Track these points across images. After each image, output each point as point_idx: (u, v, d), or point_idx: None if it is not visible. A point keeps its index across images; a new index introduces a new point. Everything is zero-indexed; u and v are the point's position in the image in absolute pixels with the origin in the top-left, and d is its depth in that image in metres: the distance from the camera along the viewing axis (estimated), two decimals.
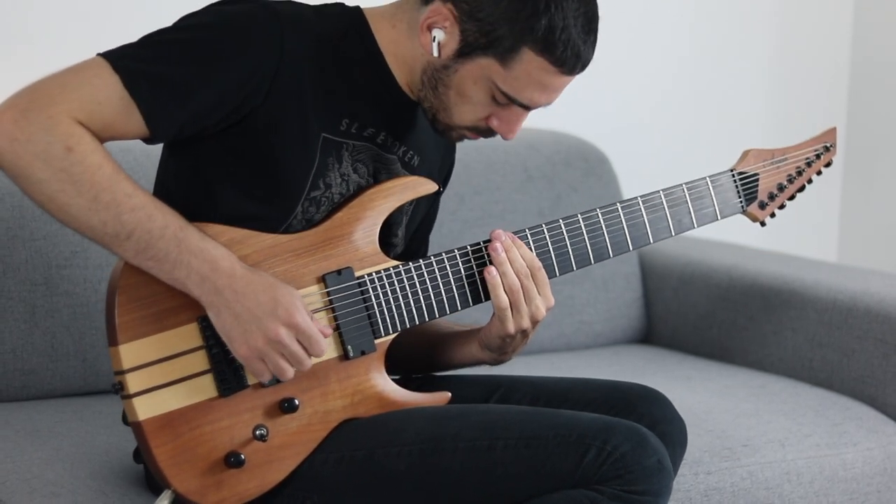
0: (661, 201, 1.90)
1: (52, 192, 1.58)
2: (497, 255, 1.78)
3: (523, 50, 1.68)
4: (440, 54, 1.72)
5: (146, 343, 1.65)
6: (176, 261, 1.62)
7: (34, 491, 1.82)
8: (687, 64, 3.31)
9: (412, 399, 1.81)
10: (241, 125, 1.69)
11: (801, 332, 2.53)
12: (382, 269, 1.77)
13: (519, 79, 1.70)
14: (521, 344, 1.84)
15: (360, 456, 1.72)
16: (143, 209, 1.61)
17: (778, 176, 2.01)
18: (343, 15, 1.77)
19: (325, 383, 1.74)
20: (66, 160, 1.57)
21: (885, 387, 2.39)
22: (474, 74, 1.71)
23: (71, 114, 1.59)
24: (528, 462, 1.67)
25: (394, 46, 1.76)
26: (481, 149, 2.69)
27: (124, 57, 1.63)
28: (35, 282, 2.20)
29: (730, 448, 2.17)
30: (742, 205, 1.97)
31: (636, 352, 2.73)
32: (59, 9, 2.57)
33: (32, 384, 2.20)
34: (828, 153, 2.05)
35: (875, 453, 2.28)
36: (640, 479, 1.65)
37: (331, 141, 1.74)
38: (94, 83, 1.61)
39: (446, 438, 1.70)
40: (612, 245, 1.87)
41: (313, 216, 1.75)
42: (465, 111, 1.74)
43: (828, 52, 3.49)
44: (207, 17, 1.69)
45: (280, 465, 1.71)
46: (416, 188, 1.81)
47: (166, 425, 1.65)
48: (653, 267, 2.83)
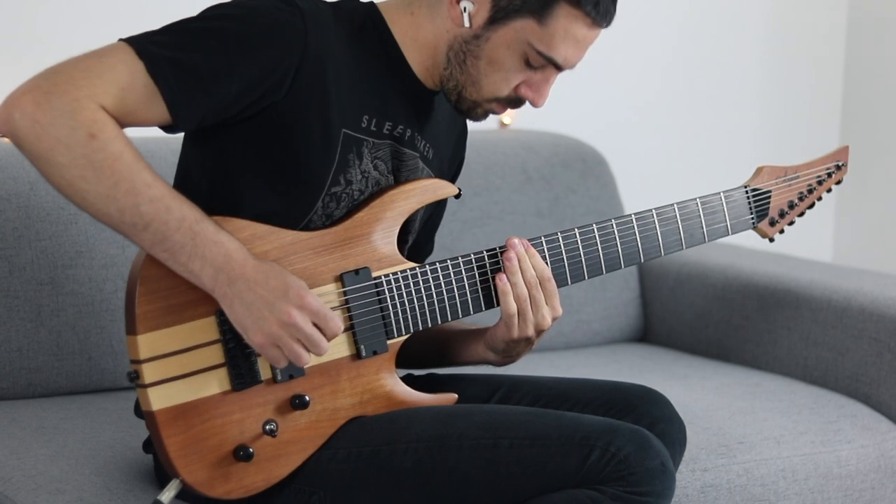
0: (675, 215, 1.91)
1: (72, 178, 1.57)
2: (510, 265, 1.79)
3: (559, 4, 1.70)
4: (472, 24, 1.73)
5: (164, 334, 1.65)
6: (191, 253, 1.61)
7: (39, 487, 1.82)
8: (684, 66, 3.31)
9: (420, 399, 1.81)
10: (261, 118, 1.69)
11: (797, 331, 2.54)
12: (399, 271, 1.77)
13: (555, 35, 1.72)
14: (525, 349, 1.85)
15: (367, 453, 1.72)
16: (162, 200, 1.59)
17: (790, 193, 2.01)
18: (358, 10, 1.78)
19: (336, 381, 1.75)
20: (89, 147, 1.56)
21: (879, 385, 2.40)
22: (508, 39, 1.72)
23: (95, 99, 1.57)
24: (532, 461, 1.68)
25: (413, 33, 1.77)
26: (481, 150, 2.70)
27: (149, 43, 1.62)
28: (41, 281, 2.21)
29: (726, 445, 2.18)
30: (753, 221, 1.98)
31: (634, 350, 2.73)
32: (67, 12, 2.58)
33: (38, 382, 2.21)
34: (839, 172, 2.05)
35: (869, 451, 2.29)
36: (642, 480, 1.66)
37: (352, 137, 1.74)
38: (117, 69, 1.59)
39: (452, 437, 1.70)
40: (624, 256, 1.88)
41: (333, 212, 1.75)
42: (497, 80, 1.75)
43: (822, 50, 3.49)
44: (234, 9, 1.68)
45: (287, 460, 1.72)
46: (436, 191, 1.82)
47: (179, 416, 1.65)
48: (650, 267, 2.83)
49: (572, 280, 1.85)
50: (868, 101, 3.51)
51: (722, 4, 3.37)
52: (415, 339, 1.86)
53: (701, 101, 3.31)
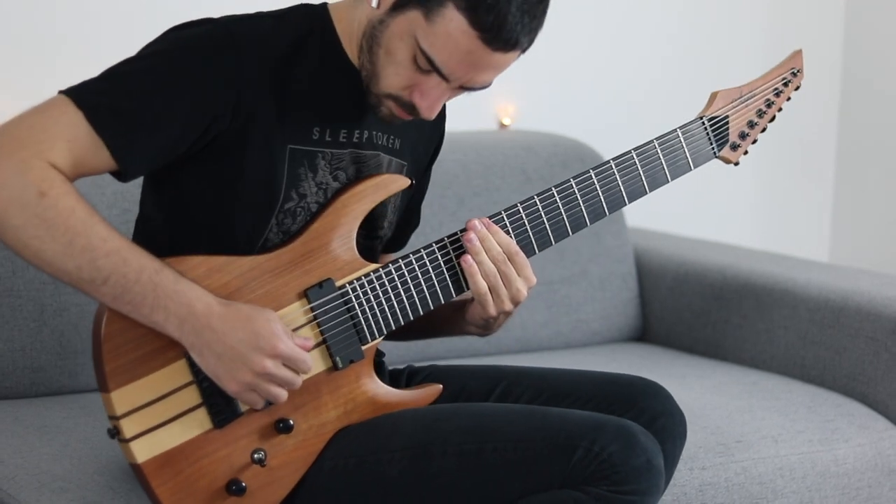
0: (634, 161, 1.85)
1: (27, 238, 1.55)
2: (472, 245, 1.75)
3: (447, 4, 1.60)
4: (379, 6, 1.66)
5: (137, 386, 1.63)
6: (153, 305, 1.59)
7: (43, 486, 1.82)
8: (682, 66, 3.31)
9: (404, 398, 1.80)
10: (209, 150, 1.67)
11: (794, 331, 2.54)
12: (363, 275, 1.74)
13: (438, 37, 1.61)
14: (505, 320, 1.84)
15: (353, 464, 1.72)
16: (118, 253, 1.57)
17: (747, 113, 1.95)
18: (306, 15, 1.74)
19: (317, 397, 1.73)
20: (40, 206, 1.54)
21: (876, 384, 2.40)
22: (401, 29, 1.64)
23: (41, 156, 1.55)
24: (517, 464, 1.67)
25: (348, 25, 1.72)
26: (480, 151, 2.71)
27: (86, 92, 1.60)
28: (44, 281, 2.21)
29: (724, 444, 2.18)
30: (714, 150, 1.92)
31: (632, 350, 2.73)
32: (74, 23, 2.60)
33: (41, 381, 2.22)
34: (795, 78, 1.97)
35: (866, 449, 2.29)
36: (627, 479, 1.64)
37: (300, 151, 1.71)
38: (60, 121, 1.58)
39: (435, 443, 1.70)
40: (589, 214, 1.83)
41: (290, 227, 1.73)
42: (390, 73, 1.66)
43: (820, 51, 3.49)
44: (165, 45, 1.67)
45: (281, 484, 1.71)
46: (387, 186, 1.78)
47: (165, 464, 1.64)
48: (648, 267, 2.84)
49: (539, 248, 1.81)
50: (865, 102, 3.51)
51: (720, 6, 3.37)
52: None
53: (699, 102, 3.30)
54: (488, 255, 1.76)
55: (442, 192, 2.60)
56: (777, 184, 3.53)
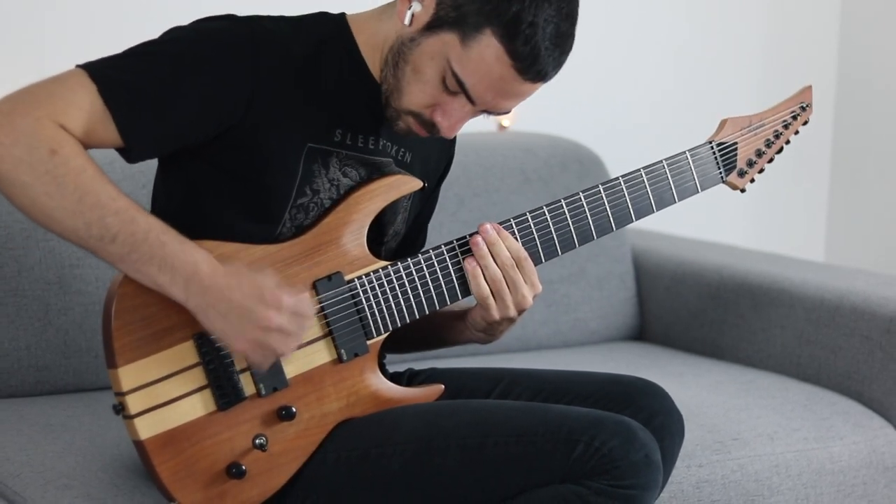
0: (643, 179, 1.88)
1: (36, 195, 1.56)
2: (478, 249, 1.77)
3: (485, 31, 1.63)
4: (411, 24, 1.68)
5: (144, 364, 1.64)
6: (160, 264, 1.60)
7: (48, 483, 1.83)
8: (682, 69, 3.32)
9: (406, 395, 1.82)
10: (223, 140, 1.69)
11: (790, 330, 2.55)
12: (371, 271, 1.76)
13: (472, 61, 1.65)
14: (508, 327, 1.85)
15: (356, 456, 1.73)
16: (127, 212, 1.59)
17: (756, 142, 1.97)
18: (322, 23, 1.77)
19: (320, 387, 1.74)
20: (51, 162, 1.56)
21: (871, 382, 2.41)
22: (433, 50, 1.67)
23: (55, 118, 1.58)
24: (518, 459, 1.68)
25: (371, 38, 1.74)
26: (480, 152, 2.71)
27: (105, 67, 1.63)
28: (48, 281, 2.22)
29: (721, 441, 2.19)
30: (721, 175, 1.95)
31: (630, 348, 2.73)
32: (73, 20, 2.60)
33: (46, 380, 2.22)
34: (804, 113, 2.00)
35: (861, 447, 2.30)
36: (627, 473, 1.65)
37: (317, 150, 1.73)
38: (76, 91, 1.60)
39: (438, 437, 1.71)
40: (596, 228, 1.85)
41: (302, 222, 1.74)
42: (415, 91, 1.69)
43: (815, 53, 3.50)
44: (187, 32, 1.69)
45: (280, 471, 1.72)
46: (400, 187, 1.79)
47: (168, 443, 1.65)
48: (646, 266, 2.84)
49: (546, 257, 1.83)
50: (860, 102, 3.51)
51: (720, 8, 3.38)
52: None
53: (699, 103, 3.31)
54: (496, 259, 1.77)
55: (442, 192, 2.58)
56: (773, 184, 3.53)
